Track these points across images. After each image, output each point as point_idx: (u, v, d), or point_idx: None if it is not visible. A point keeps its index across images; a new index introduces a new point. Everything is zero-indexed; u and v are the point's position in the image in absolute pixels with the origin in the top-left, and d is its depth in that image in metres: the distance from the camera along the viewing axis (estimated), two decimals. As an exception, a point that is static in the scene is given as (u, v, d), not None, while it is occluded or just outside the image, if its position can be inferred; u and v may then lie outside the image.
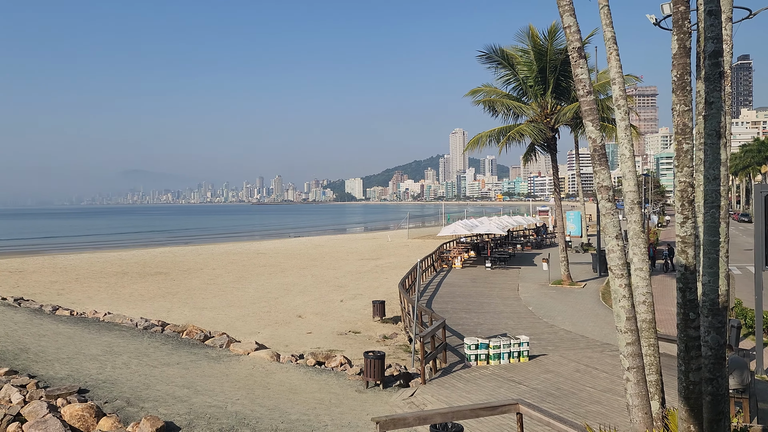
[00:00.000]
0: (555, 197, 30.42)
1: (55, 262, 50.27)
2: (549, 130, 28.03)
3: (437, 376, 13.62)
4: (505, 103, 28.94)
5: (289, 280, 35.47)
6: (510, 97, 29.68)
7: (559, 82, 28.08)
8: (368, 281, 34.39)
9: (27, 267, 45.61)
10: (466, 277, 31.33)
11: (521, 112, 29.12)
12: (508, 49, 28.73)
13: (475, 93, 30.45)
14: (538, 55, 27.43)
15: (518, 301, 23.95)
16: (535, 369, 14.17)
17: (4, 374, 12.33)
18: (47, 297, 29.34)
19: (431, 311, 17.91)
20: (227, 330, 20.54)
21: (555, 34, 26.56)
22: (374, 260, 46.47)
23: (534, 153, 31.09)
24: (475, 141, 30.13)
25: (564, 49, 26.90)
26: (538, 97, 28.45)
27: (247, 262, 47.57)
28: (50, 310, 21.50)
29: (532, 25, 27.61)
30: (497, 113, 29.69)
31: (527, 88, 28.87)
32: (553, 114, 28.10)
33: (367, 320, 23.08)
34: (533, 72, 28.03)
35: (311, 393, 12.09)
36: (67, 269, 43.59)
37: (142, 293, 31.27)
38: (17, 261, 51.76)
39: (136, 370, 13.37)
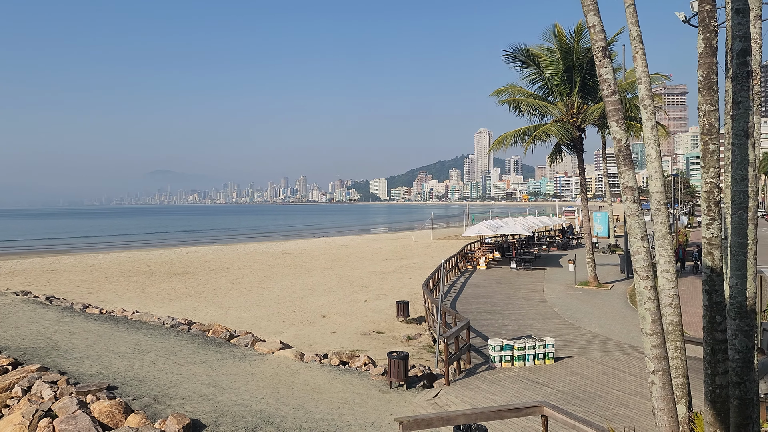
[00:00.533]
0: (581, 197, 30.10)
1: (85, 261, 51.32)
2: (575, 130, 27.74)
3: (461, 377, 13.60)
4: (530, 102, 28.73)
5: (313, 280, 35.68)
6: (535, 97, 29.45)
7: (586, 81, 27.78)
8: (392, 281, 34.42)
9: (58, 266, 46.66)
10: (490, 277, 31.18)
11: (547, 112, 28.86)
12: (533, 48, 28.52)
13: (500, 93, 30.28)
14: (564, 54, 27.18)
15: (543, 303, 23.75)
16: (560, 371, 14.06)
17: (36, 371, 12.66)
18: (78, 295, 29.99)
19: (455, 312, 17.88)
20: (252, 329, 20.77)
21: (581, 33, 26.29)
22: (398, 260, 46.48)
23: (560, 153, 30.79)
24: (500, 141, 29.96)
25: (590, 48, 26.62)
26: (564, 96, 28.18)
27: (272, 261, 47.97)
28: (80, 308, 21.97)
29: (558, 23, 27.38)
30: (522, 113, 29.48)
31: (553, 88, 28.62)
32: (580, 113, 27.81)
33: (391, 320, 23.11)
34: (559, 71, 27.78)
35: (335, 392, 12.17)
36: (97, 268, 44.46)
37: (170, 292, 31.75)
38: (49, 260, 52.99)
39: (163, 368, 13.61)
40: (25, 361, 13.93)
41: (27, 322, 18.90)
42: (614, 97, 5.96)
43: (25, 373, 12.46)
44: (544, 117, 29.54)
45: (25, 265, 47.37)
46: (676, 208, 68.16)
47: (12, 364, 13.39)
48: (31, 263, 49.50)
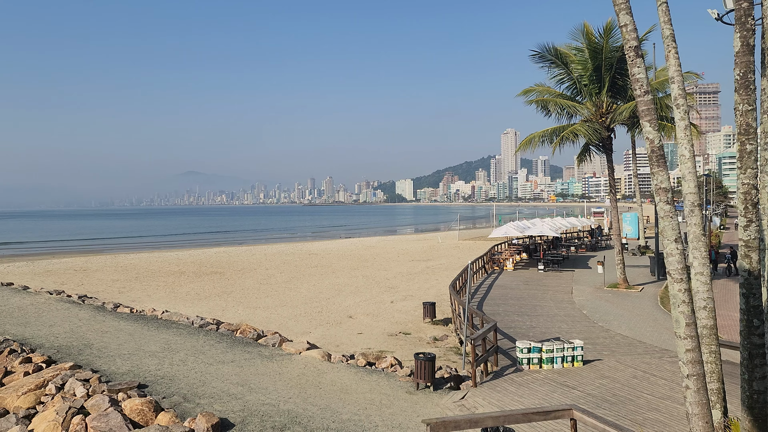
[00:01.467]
0: (611, 198, 29.65)
1: (116, 261, 52.28)
2: (604, 130, 27.34)
3: (488, 380, 13.49)
4: (558, 102, 28.40)
5: (340, 281, 35.79)
6: (563, 97, 29.11)
7: (615, 81, 27.36)
8: (419, 283, 34.35)
9: (91, 266, 47.63)
10: (518, 279, 30.90)
11: (575, 112, 28.50)
12: (561, 47, 28.20)
13: (528, 93, 30.00)
14: (593, 53, 26.81)
15: (572, 305, 23.45)
16: (589, 374, 13.86)
17: (69, 368, 12.93)
18: (109, 295, 30.56)
19: (482, 314, 17.75)
20: (280, 329, 20.92)
21: (611, 32, 25.90)
22: (425, 261, 46.38)
23: (589, 153, 30.37)
24: (527, 141, 29.68)
25: (620, 47, 26.20)
26: (593, 96, 27.80)
27: (299, 262, 48.26)
28: (112, 307, 22.38)
29: (587, 22, 27.02)
30: (550, 113, 29.16)
31: (581, 87, 28.25)
32: (609, 113, 27.40)
33: (417, 322, 23.06)
34: (588, 70, 27.41)
35: (362, 393, 12.18)
36: (128, 268, 45.25)
37: (198, 292, 32.15)
38: (82, 260, 54.12)
39: (192, 367, 13.78)
40: (59, 359, 14.25)
41: (60, 320, 19.33)
42: (647, 97, 5.85)
43: (59, 370, 12.73)
44: (572, 117, 29.19)
45: (58, 265, 48.47)
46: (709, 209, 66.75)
47: (46, 362, 13.71)
48: (64, 263, 50.63)
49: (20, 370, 13.01)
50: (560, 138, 27.55)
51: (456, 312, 20.24)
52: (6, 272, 42.35)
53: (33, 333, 17.27)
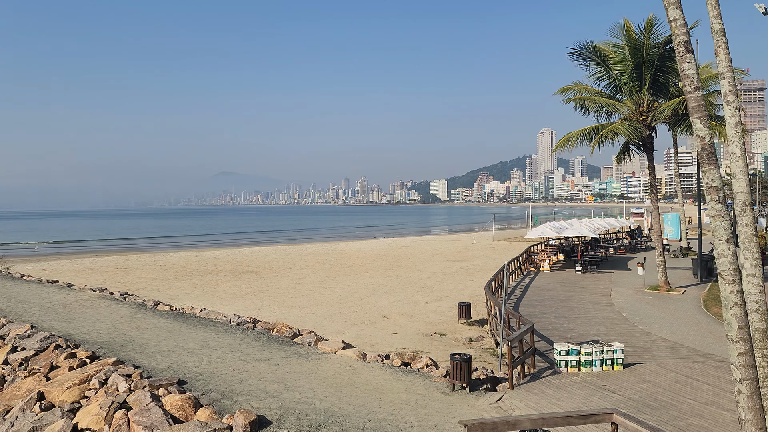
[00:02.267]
0: (651, 198, 28.94)
1: (155, 259, 53.37)
2: (645, 129, 26.69)
3: (525, 382, 13.30)
4: (597, 100, 27.84)
5: (374, 281, 35.82)
6: (602, 95, 28.53)
7: (657, 78, 26.68)
8: (453, 283, 34.14)
9: (131, 264, 48.74)
10: (554, 280, 30.43)
11: (614, 110, 27.88)
12: (600, 44, 27.64)
13: (565, 91, 29.49)
14: (633, 51, 26.20)
15: (611, 307, 22.97)
16: (630, 378, 13.54)
17: (112, 364, 13.22)
18: (149, 292, 31.21)
19: (519, 315, 17.52)
20: (315, 328, 21.02)
21: (652, 28, 25.25)
22: (459, 262, 46.09)
23: (628, 152, 29.67)
24: (565, 140, 29.18)
25: (661, 44, 25.56)
26: (634, 94, 27.17)
27: (333, 262, 48.50)
28: (152, 305, 22.83)
29: (627, 19, 26.42)
30: (589, 112, 28.59)
31: (621, 85, 27.64)
32: (650, 111, 26.74)
33: (452, 322, 22.91)
34: (628, 68, 26.80)
35: (397, 393, 12.13)
36: (167, 267, 46.15)
37: (235, 291, 32.58)
38: (122, 258, 55.44)
39: (230, 364, 13.94)
40: (102, 354, 14.59)
41: (103, 317, 19.80)
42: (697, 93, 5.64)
43: (102, 366, 13.03)
44: (611, 115, 28.58)
45: (100, 263, 49.75)
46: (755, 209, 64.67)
47: (90, 357, 14.05)
48: (106, 261, 51.94)
49: (65, 365, 13.36)
50: (599, 137, 26.99)
51: (492, 313, 20.03)
52: (51, 270, 43.67)
53: (77, 329, 17.73)
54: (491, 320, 20.00)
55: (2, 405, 12.15)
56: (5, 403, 12.19)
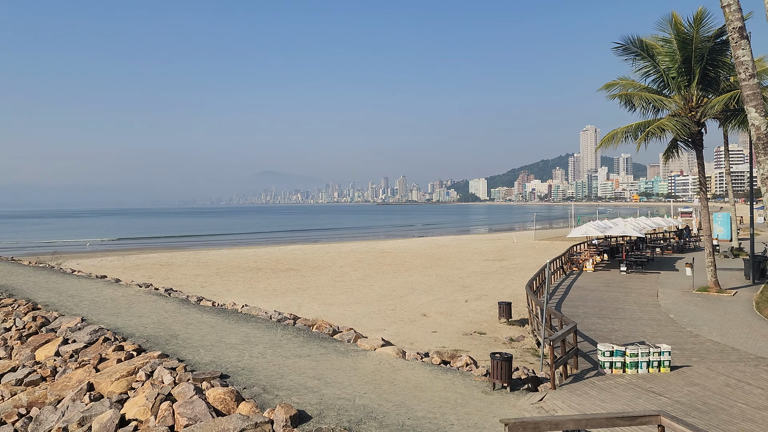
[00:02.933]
0: (701, 197, 28.03)
1: (198, 257, 54.49)
2: (694, 125, 25.86)
3: (568, 382, 13.05)
4: (643, 96, 27.10)
5: (413, 279, 35.76)
6: (649, 90, 27.76)
7: (707, 72, 25.82)
8: (493, 282, 33.81)
9: (175, 261, 49.89)
10: (598, 280, 29.81)
11: (662, 106, 27.09)
12: (647, 39, 26.89)
13: (610, 87, 28.82)
14: (681, 44, 25.42)
15: (657, 308, 22.36)
16: (677, 380, 13.15)
17: (157, 357, 13.54)
18: (192, 289, 31.88)
19: (561, 314, 17.21)
20: (354, 326, 21.10)
21: (701, 21, 24.45)
22: (499, 261, 45.61)
23: (676, 150, 28.80)
24: (609, 138, 28.51)
25: (712, 37, 24.73)
26: (682, 89, 26.36)
27: (372, 260, 48.62)
28: (195, 300, 23.30)
29: (675, 12, 25.65)
30: (634, 108, 27.84)
31: (669, 80, 26.85)
32: (699, 107, 25.90)
33: (492, 321, 22.68)
34: (676, 62, 26.01)
35: (437, 391, 12.07)
36: (209, 264, 47.06)
37: (275, 288, 32.98)
38: (167, 255, 56.82)
39: (270, 359, 14.11)
40: (148, 348, 14.96)
41: (149, 312, 20.32)
42: (752, 81, 5.43)
43: (148, 359, 13.36)
44: (658, 111, 27.77)
45: (146, 260, 51.09)
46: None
47: (137, 350, 14.43)
48: (151, 258, 53.31)
49: (113, 357, 13.75)
50: (645, 134, 26.25)
51: (533, 312, 19.74)
52: (100, 266, 45.06)
53: (124, 323, 18.24)
54: (532, 320, 19.71)
55: (54, 395, 12.58)
56: (57, 393, 12.62)
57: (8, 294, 24.00)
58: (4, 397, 13.10)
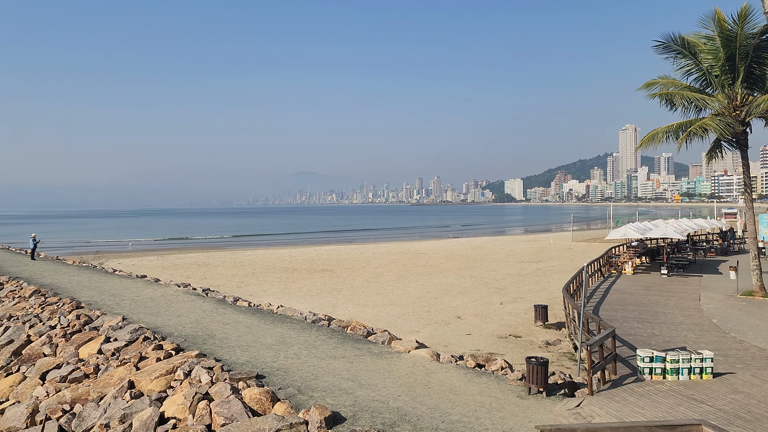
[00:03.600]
0: (745, 198, 27.18)
1: (235, 257, 55.32)
2: (738, 124, 25.09)
3: (605, 388, 12.81)
4: (685, 95, 26.41)
5: (448, 281, 35.61)
6: (691, 89, 27.04)
7: (752, 70, 25.02)
8: (529, 284, 33.42)
9: (213, 261, 50.76)
10: (637, 283, 29.18)
11: (704, 105, 26.35)
12: (689, 36, 26.20)
13: (650, 86, 28.16)
14: (725, 42, 24.69)
15: (700, 313, 21.77)
16: (720, 388, 12.77)
17: (195, 356, 13.78)
18: (229, 289, 32.39)
19: (598, 318, 16.90)
20: (388, 327, 21.13)
21: (746, 17, 23.69)
22: (535, 263, 45.06)
23: (719, 149, 27.96)
24: (650, 137, 27.85)
25: (757, 33, 23.95)
26: (726, 87, 25.60)
27: (407, 261, 48.59)
28: (232, 300, 23.64)
29: (719, 8, 24.93)
30: (675, 107, 27.15)
31: (712, 79, 26.11)
32: (744, 105, 25.11)
33: (528, 324, 22.43)
34: (719, 60, 25.28)
35: (471, 395, 11.98)
36: (245, 264, 47.73)
37: (310, 288, 33.25)
38: (204, 255, 57.86)
39: (305, 360, 14.22)
40: (186, 347, 15.24)
41: (187, 311, 20.71)
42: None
43: (186, 358, 13.62)
44: (700, 111, 27.02)
45: (184, 260, 52.12)
46: None
47: (175, 350, 14.72)
48: (189, 258, 54.36)
49: (153, 356, 14.06)
50: (687, 133, 25.58)
51: (570, 316, 19.44)
52: (140, 266, 46.15)
53: (163, 322, 18.63)
54: (569, 323, 19.41)
55: (96, 392, 12.93)
56: (99, 391, 12.97)
57: (54, 293, 24.77)
58: (49, 393, 13.53)
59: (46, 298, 23.62)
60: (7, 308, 22.96)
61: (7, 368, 16.45)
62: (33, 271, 33.00)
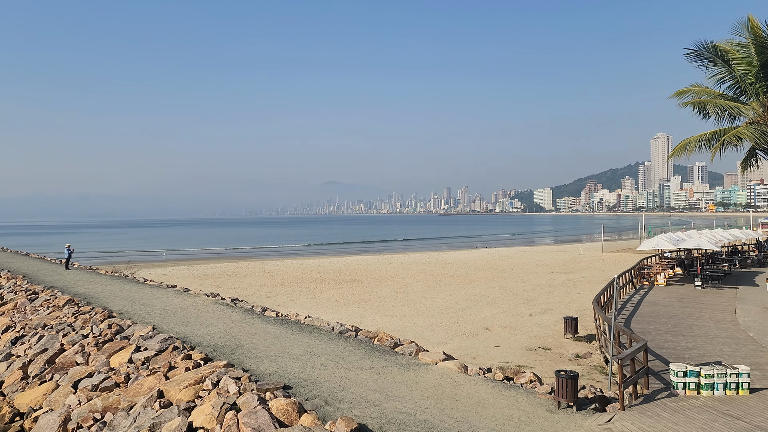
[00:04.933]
0: (782, 208, 26.47)
1: (264, 267, 55.76)
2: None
3: (638, 403, 12.53)
4: (718, 103, 25.91)
5: (476, 292, 35.33)
6: (724, 97, 26.53)
7: (788, 77, 24.47)
8: (559, 296, 32.95)
9: (242, 271, 51.23)
10: (671, 295, 28.54)
11: (738, 113, 25.81)
12: (721, 44, 25.76)
13: (682, 94, 27.72)
14: (759, 49, 24.19)
15: (736, 326, 21.18)
16: (757, 404, 12.38)
17: (223, 366, 13.89)
18: (257, 299, 32.62)
19: (630, 331, 16.56)
20: (416, 339, 21.02)
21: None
22: (565, 274, 44.44)
23: (755, 158, 27.33)
24: (682, 146, 27.37)
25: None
26: (761, 95, 25.05)
27: (435, 272, 48.37)
28: (260, 310, 23.80)
29: (752, 15, 24.45)
30: (709, 115, 26.66)
31: (746, 86, 25.58)
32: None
33: (557, 337, 22.09)
34: (754, 68, 24.76)
35: (500, 408, 11.83)
36: (274, 274, 48.06)
37: (338, 299, 33.30)
38: (234, 265, 58.42)
39: (332, 371, 14.22)
40: (214, 357, 15.38)
41: (216, 321, 20.91)
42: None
43: (214, 368, 13.73)
44: (735, 119, 26.49)
45: (214, 269, 52.71)
46: None
47: (203, 359, 14.86)
48: (219, 267, 54.97)
49: (182, 366, 14.21)
50: (721, 142, 25.07)
51: (600, 329, 19.09)
52: (170, 275, 46.84)
53: (193, 332, 18.84)
54: (600, 336, 19.06)
55: (127, 401, 13.12)
56: (129, 399, 13.15)
57: (86, 302, 25.27)
58: (81, 402, 13.77)
59: (79, 307, 24.11)
60: (42, 317, 23.49)
61: (41, 376, 16.79)
62: (67, 281, 33.74)
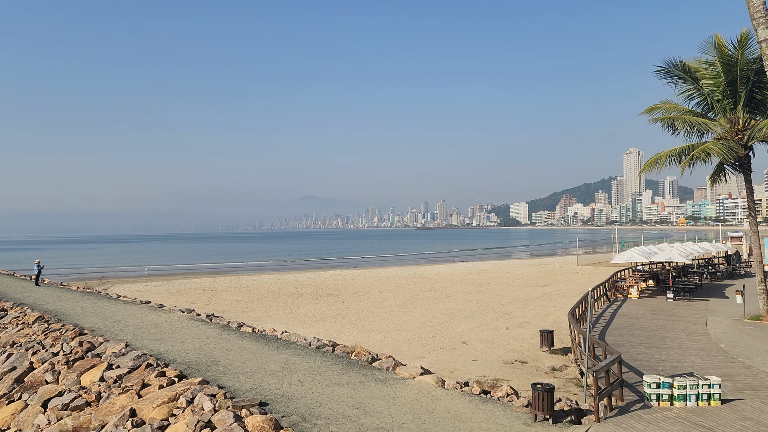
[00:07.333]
0: (750, 221, 27.10)
1: (240, 282, 55.25)
2: (741, 148, 25.13)
3: (612, 415, 12.65)
4: (687, 119, 26.55)
5: (454, 306, 35.43)
6: (693, 113, 27.20)
7: (753, 95, 25.17)
8: (535, 309, 33.21)
9: (218, 286, 50.69)
10: (644, 308, 28.97)
11: (707, 129, 26.47)
12: (689, 61, 26.46)
13: (653, 110, 28.34)
14: (726, 67, 24.89)
15: (707, 337, 21.56)
16: (729, 414, 12.59)
17: (198, 383, 13.70)
18: (233, 314, 32.27)
19: (605, 344, 16.75)
20: (393, 353, 20.98)
21: (746, 43, 23.93)
22: (541, 287, 44.83)
23: (723, 173, 28.00)
24: (653, 162, 27.94)
25: (757, 59, 24.14)
26: (728, 112, 25.73)
27: (412, 286, 48.41)
28: (236, 326, 23.55)
29: (718, 34, 25.19)
30: (678, 131, 27.31)
31: (714, 103, 26.27)
32: (746, 130, 25.20)
33: (534, 350, 22.24)
34: (720, 85, 25.46)
35: (477, 422, 11.85)
36: (250, 289, 47.65)
37: (315, 314, 33.11)
38: (209, 280, 57.77)
39: (309, 387, 14.11)
40: (189, 374, 15.15)
41: (191, 337, 20.62)
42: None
43: (189, 385, 13.53)
44: (703, 135, 27.16)
45: (189, 285, 52.07)
46: None
47: (178, 377, 14.64)
48: (194, 283, 54.31)
49: (156, 383, 13.98)
50: (690, 157, 25.65)
51: (576, 341, 19.28)
52: (144, 291, 46.13)
53: (167, 348, 18.55)
54: (575, 349, 19.24)
55: (98, 420, 12.84)
56: (101, 419, 12.88)
57: (57, 319, 24.75)
58: (51, 421, 13.45)
59: (49, 324, 23.60)
60: (11, 335, 22.94)
61: (10, 396, 16.38)
62: (37, 297, 33.02)
